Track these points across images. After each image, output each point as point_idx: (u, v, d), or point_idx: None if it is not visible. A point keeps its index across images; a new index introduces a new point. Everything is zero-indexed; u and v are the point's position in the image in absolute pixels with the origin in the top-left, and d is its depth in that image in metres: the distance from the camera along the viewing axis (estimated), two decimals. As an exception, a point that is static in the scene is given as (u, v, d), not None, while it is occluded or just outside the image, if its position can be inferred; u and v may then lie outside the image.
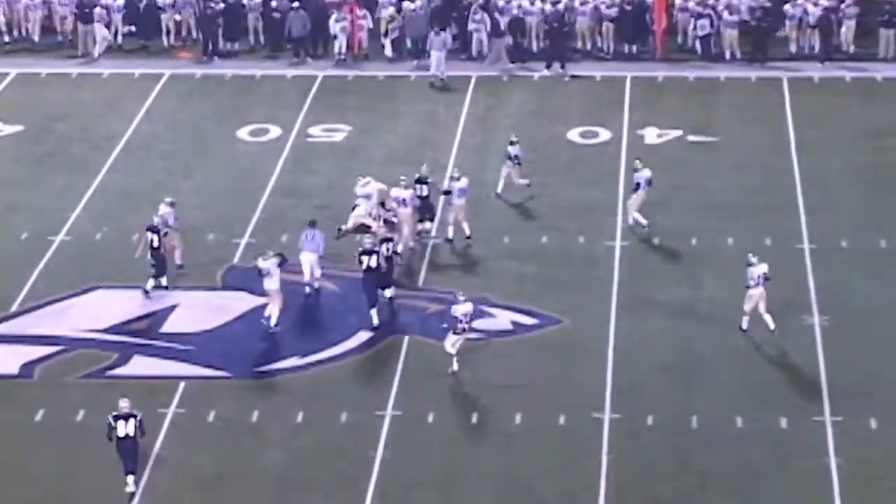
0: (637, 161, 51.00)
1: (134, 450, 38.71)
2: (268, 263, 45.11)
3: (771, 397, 42.55)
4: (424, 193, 49.71)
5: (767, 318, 42.63)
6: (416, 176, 49.77)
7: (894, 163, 55.02)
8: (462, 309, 38.72)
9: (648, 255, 48.92)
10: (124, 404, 38.43)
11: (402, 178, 47.01)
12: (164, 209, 47.89)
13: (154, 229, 46.92)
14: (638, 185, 49.49)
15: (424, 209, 49.73)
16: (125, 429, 38.45)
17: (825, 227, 50.40)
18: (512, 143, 51.25)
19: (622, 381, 43.13)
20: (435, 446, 40.72)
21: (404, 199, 48.36)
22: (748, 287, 42.50)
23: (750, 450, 40.40)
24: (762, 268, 42.65)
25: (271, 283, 45.14)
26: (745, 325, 44.12)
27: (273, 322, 45.24)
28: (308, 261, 47.02)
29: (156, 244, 47.00)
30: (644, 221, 49.41)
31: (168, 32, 64.73)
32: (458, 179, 45.80)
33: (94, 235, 50.35)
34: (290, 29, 64.02)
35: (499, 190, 51.31)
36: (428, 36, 63.88)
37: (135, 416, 38.53)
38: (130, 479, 38.69)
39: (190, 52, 63.37)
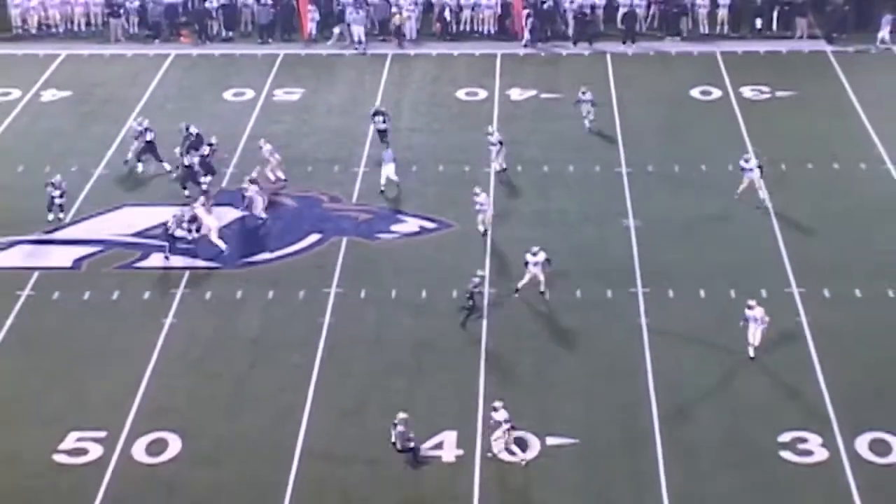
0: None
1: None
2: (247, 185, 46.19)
3: (601, 275, 43.04)
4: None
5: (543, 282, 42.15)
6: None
7: (682, 112, 54.76)
8: (499, 416, 34.26)
9: (515, 178, 48.73)
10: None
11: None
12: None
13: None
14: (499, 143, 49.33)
15: None
16: None
17: (636, 157, 50.97)
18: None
19: (496, 267, 43.38)
20: (366, 314, 41.84)
21: None
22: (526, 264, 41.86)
23: (589, 312, 40.95)
24: (541, 256, 41.46)
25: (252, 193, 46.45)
26: (520, 282, 42.35)
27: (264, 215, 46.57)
28: None
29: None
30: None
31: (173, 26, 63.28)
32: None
33: (123, 169, 49.69)
34: (259, 19, 62.66)
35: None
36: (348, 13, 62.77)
37: None
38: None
39: (189, 38, 62.42)
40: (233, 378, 38.43)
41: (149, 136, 49.54)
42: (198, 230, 44.57)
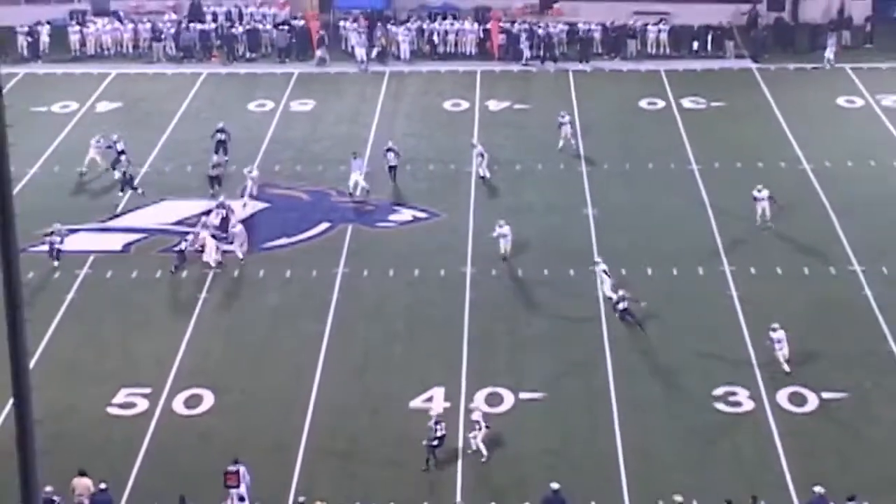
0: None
1: None
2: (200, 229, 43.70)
3: (565, 256, 43.04)
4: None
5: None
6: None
7: (632, 119, 54.73)
8: (475, 415, 33.09)
9: (492, 176, 49.00)
10: None
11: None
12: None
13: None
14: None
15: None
16: None
17: (595, 155, 50.49)
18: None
19: (477, 250, 43.14)
20: (368, 289, 41.84)
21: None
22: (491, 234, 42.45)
23: (554, 287, 40.66)
24: (506, 228, 42.01)
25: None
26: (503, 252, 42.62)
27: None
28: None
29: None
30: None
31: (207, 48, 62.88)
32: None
33: (165, 168, 49.74)
34: (278, 43, 62.43)
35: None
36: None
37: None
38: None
39: (219, 59, 62.10)
40: (256, 343, 38.49)
41: (119, 147, 48.95)
42: (200, 250, 42.82)
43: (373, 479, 31.93)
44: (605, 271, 40.19)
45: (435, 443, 32.20)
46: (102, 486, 30.59)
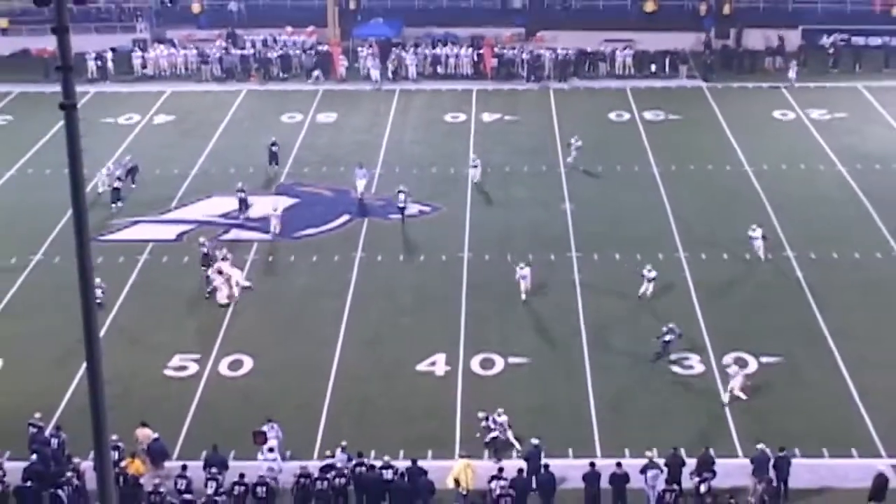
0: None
1: None
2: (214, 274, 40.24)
3: (546, 244, 42.71)
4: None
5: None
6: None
7: (603, 129, 54.45)
8: (500, 419, 31.07)
9: (485, 176, 48.66)
10: None
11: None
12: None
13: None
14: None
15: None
16: None
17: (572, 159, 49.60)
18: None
19: (473, 238, 42.94)
20: (382, 273, 41.55)
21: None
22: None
23: (537, 270, 39.85)
24: (527, 270, 38.56)
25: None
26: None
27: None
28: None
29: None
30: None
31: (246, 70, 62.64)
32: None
33: (211, 170, 49.68)
34: (306, 65, 62.24)
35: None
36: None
37: None
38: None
39: (257, 78, 61.87)
40: (288, 317, 38.23)
41: (130, 165, 48.15)
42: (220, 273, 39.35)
43: (385, 434, 31.74)
44: (649, 279, 38.29)
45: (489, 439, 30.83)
46: (155, 436, 30.64)
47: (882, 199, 45.85)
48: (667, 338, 34.94)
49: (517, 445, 31.03)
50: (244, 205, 45.24)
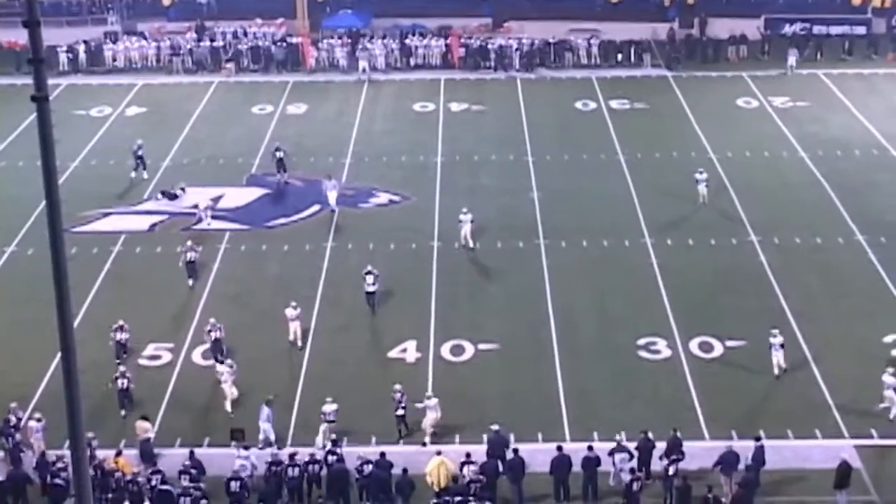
0: None
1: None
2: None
3: (515, 231, 42.78)
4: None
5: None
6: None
7: (569, 118, 54.59)
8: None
9: (455, 168, 48.86)
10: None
11: None
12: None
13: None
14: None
15: None
16: None
17: (538, 149, 50.67)
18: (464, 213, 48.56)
19: (443, 227, 43.04)
20: (352, 260, 41.33)
21: None
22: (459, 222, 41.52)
23: (506, 257, 40.12)
24: (469, 216, 40.83)
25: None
26: (465, 242, 41.49)
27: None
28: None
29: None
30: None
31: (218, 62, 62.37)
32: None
33: (183, 160, 49.62)
34: (276, 56, 62.06)
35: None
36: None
37: None
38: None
39: (228, 70, 61.67)
40: (260, 306, 38.13)
41: (140, 153, 47.95)
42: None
43: (357, 417, 31.85)
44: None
45: (400, 412, 31.20)
46: (151, 434, 30.44)
47: (843, 185, 46.22)
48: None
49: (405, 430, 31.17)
50: (282, 166, 46.89)
